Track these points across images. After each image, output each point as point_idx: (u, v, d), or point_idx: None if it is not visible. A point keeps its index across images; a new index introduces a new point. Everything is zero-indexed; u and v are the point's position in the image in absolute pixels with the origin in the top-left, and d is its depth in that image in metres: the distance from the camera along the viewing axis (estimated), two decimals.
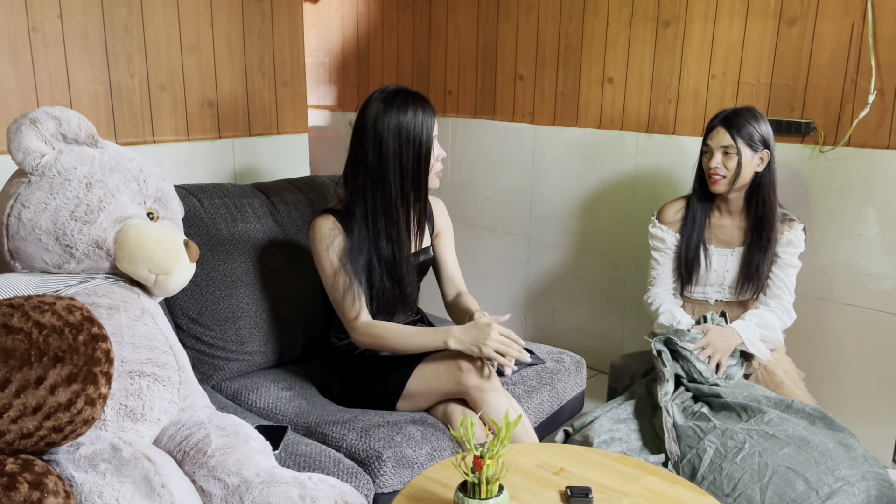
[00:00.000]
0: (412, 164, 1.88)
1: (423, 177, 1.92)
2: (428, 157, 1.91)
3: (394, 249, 1.92)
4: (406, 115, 1.86)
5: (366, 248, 1.91)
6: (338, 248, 1.91)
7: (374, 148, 1.86)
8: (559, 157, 3.12)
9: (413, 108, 1.87)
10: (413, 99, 1.89)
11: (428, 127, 1.89)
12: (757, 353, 2.17)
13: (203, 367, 2.09)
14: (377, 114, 1.86)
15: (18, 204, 1.54)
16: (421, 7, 3.52)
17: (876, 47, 2.29)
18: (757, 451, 1.81)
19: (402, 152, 1.87)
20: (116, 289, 1.60)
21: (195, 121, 2.64)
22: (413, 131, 1.87)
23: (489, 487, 1.29)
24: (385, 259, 1.93)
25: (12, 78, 2.20)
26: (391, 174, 1.87)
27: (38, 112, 1.56)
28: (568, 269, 3.19)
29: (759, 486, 1.74)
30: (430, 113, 1.91)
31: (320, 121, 4.14)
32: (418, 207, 1.95)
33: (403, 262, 1.94)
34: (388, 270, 1.94)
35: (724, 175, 2.18)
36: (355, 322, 1.91)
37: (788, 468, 1.75)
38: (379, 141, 1.86)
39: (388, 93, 1.89)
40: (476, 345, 1.81)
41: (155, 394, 1.51)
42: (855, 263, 2.42)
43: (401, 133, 1.86)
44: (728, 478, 1.79)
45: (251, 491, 1.38)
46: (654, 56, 2.79)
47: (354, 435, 1.78)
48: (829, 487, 1.70)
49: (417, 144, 1.88)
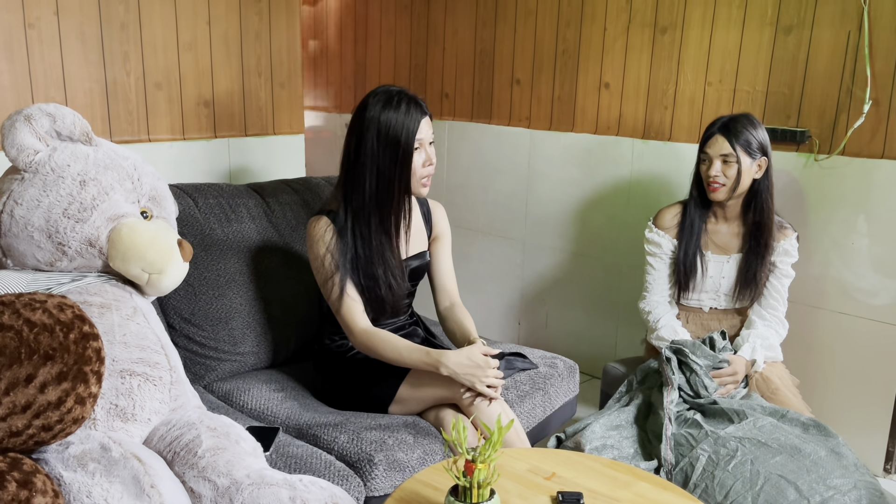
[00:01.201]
0: (388, 165, 1.82)
1: (400, 181, 1.84)
2: (407, 160, 1.82)
3: (365, 249, 1.87)
4: (389, 114, 1.80)
5: (348, 248, 1.88)
6: (330, 250, 1.88)
7: (354, 145, 1.83)
8: (555, 161, 3.12)
9: (398, 107, 1.80)
10: (404, 99, 1.82)
11: (409, 128, 1.81)
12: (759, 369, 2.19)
13: (195, 367, 2.08)
14: (363, 109, 1.83)
15: (11, 201, 1.53)
16: (419, 10, 3.53)
17: (871, 57, 2.30)
18: (749, 459, 1.81)
19: (379, 152, 1.81)
20: (109, 287, 1.59)
21: (191, 120, 2.63)
22: (392, 130, 1.80)
23: (480, 492, 1.29)
24: (361, 259, 1.89)
25: (7, 74, 2.19)
26: (368, 173, 1.82)
27: (33, 109, 1.55)
28: (562, 273, 3.19)
29: (751, 494, 1.74)
30: (417, 113, 1.82)
31: (316, 122, 4.14)
32: (397, 212, 1.88)
33: (378, 262, 1.89)
34: (365, 271, 1.89)
35: (723, 183, 2.18)
36: (353, 327, 1.88)
37: (780, 476, 1.76)
38: (360, 138, 1.81)
39: (383, 90, 1.85)
40: (470, 379, 1.78)
41: (146, 393, 1.50)
42: (847, 272, 2.43)
43: (380, 131, 1.80)
44: (720, 486, 1.79)
45: (241, 492, 1.37)
46: (650, 62, 2.79)
47: (346, 437, 1.77)
48: (820, 496, 1.71)
49: (395, 144, 1.81)
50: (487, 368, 1.78)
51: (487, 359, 1.79)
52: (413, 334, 2.09)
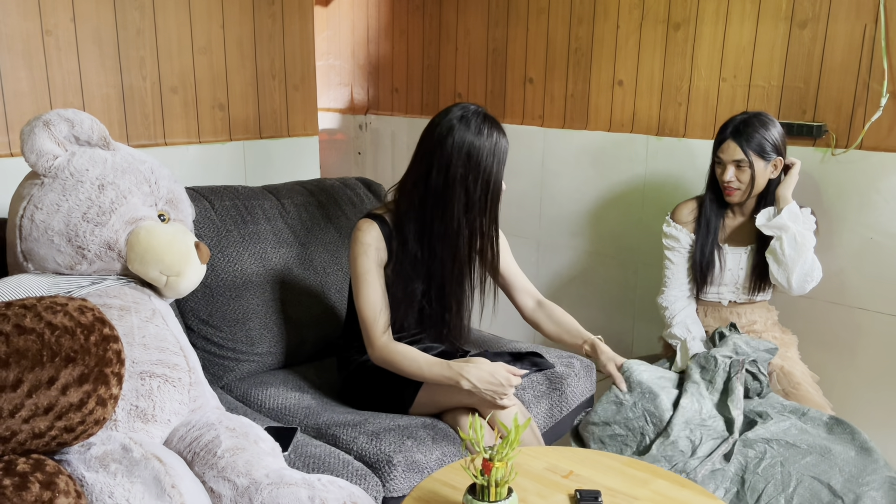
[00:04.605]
0: (479, 193, 1.76)
1: (492, 210, 1.79)
2: (498, 189, 1.79)
3: (445, 275, 1.82)
4: (480, 139, 1.74)
5: (416, 270, 1.82)
6: (378, 261, 1.82)
7: (439, 166, 1.74)
8: (569, 160, 3.11)
9: (489, 133, 1.75)
10: (491, 124, 1.77)
11: (500, 158, 1.77)
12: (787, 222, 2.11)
13: (213, 368, 2.10)
14: (449, 129, 1.74)
15: (31, 205, 1.55)
16: (431, 10, 3.53)
17: (888, 50, 2.28)
18: (779, 461, 1.77)
19: (468, 178, 1.74)
20: (128, 290, 1.61)
21: (206, 123, 2.65)
22: (485, 159, 1.74)
23: (498, 490, 1.29)
24: (435, 284, 1.84)
25: (26, 80, 2.22)
26: (455, 199, 1.76)
27: (52, 114, 1.57)
28: (577, 272, 3.19)
29: (784, 496, 1.70)
30: (505, 143, 1.78)
31: (331, 123, 4.15)
32: (482, 241, 1.83)
33: (453, 289, 1.85)
34: (438, 296, 1.85)
35: (738, 188, 2.18)
36: (376, 340, 1.83)
37: (813, 477, 1.72)
38: (447, 161, 1.74)
39: (466, 111, 1.77)
40: (490, 394, 1.76)
41: (165, 395, 1.51)
42: (867, 267, 2.40)
43: (471, 157, 1.74)
44: (751, 489, 1.74)
45: (260, 492, 1.38)
46: (664, 59, 2.78)
47: (365, 438, 1.78)
48: (853, 494, 1.69)
49: (486, 174, 1.76)
50: (510, 387, 1.76)
51: (510, 377, 1.76)
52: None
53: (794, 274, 2.13)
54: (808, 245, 2.13)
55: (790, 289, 2.17)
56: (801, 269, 2.13)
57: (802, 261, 2.12)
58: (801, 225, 2.14)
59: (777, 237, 2.14)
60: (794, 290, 2.17)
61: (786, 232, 2.13)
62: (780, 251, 2.13)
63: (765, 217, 2.16)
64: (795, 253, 2.12)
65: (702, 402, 1.91)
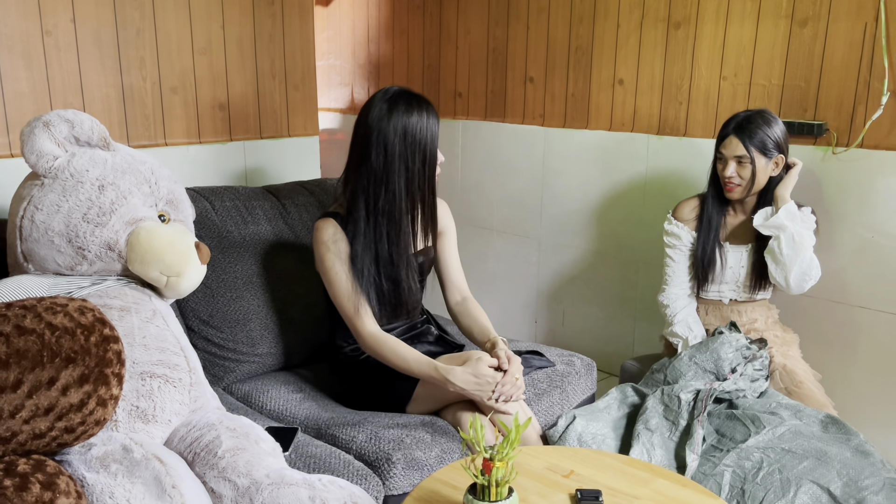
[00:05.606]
0: (418, 166, 1.88)
1: (431, 179, 1.92)
2: (434, 160, 1.91)
3: (392, 251, 1.91)
4: (412, 118, 1.86)
5: (367, 250, 1.90)
6: (341, 254, 1.90)
7: (378, 149, 1.86)
8: (570, 159, 3.11)
9: (418, 110, 1.87)
10: (418, 101, 1.89)
11: (433, 131, 1.90)
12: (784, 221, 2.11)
13: (214, 368, 2.10)
14: (381, 115, 1.86)
15: (31, 206, 1.55)
16: (431, 9, 3.53)
17: (889, 48, 2.28)
18: (776, 469, 1.75)
19: (407, 154, 1.86)
20: (128, 290, 1.61)
21: (206, 123, 2.65)
22: (419, 134, 1.87)
23: (499, 490, 1.29)
24: (383, 261, 1.91)
25: (26, 81, 2.22)
26: (396, 175, 1.87)
27: (51, 115, 1.57)
28: (579, 271, 3.18)
29: (784, 502, 1.69)
30: (434, 116, 1.91)
31: (331, 123, 4.15)
32: (425, 210, 1.95)
33: (403, 264, 1.93)
34: (387, 273, 1.92)
35: (738, 184, 2.18)
36: (361, 330, 1.89)
37: (812, 482, 1.71)
38: (384, 142, 1.85)
39: (391, 94, 1.89)
40: (479, 395, 1.79)
41: (166, 395, 1.52)
42: (868, 266, 2.40)
43: (406, 135, 1.86)
44: (751, 499, 1.72)
45: (261, 492, 1.38)
46: (664, 58, 2.78)
47: (364, 437, 1.78)
48: (854, 499, 1.68)
49: (423, 147, 1.88)
50: (496, 382, 1.78)
51: (494, 372, 1.79)
52: (426, 332, 2.10)
53: (792, 273, 2.14)
54: (807, 244, 2.14)
55: (788, 288, 2.17)
56: (798, 268, 2.13)
57: (800, 260, 2.13)
58: (798, 224, 2.14)
59: (775, 237, 2.14)
60: (792, 290, 2.17)
61: (783, 231, 2.13)
62: (777, 251, 2.14)
63: (762, 217, 2.16)
64: (793, 252, 2.12)
65: (651, 454, 1.88)
